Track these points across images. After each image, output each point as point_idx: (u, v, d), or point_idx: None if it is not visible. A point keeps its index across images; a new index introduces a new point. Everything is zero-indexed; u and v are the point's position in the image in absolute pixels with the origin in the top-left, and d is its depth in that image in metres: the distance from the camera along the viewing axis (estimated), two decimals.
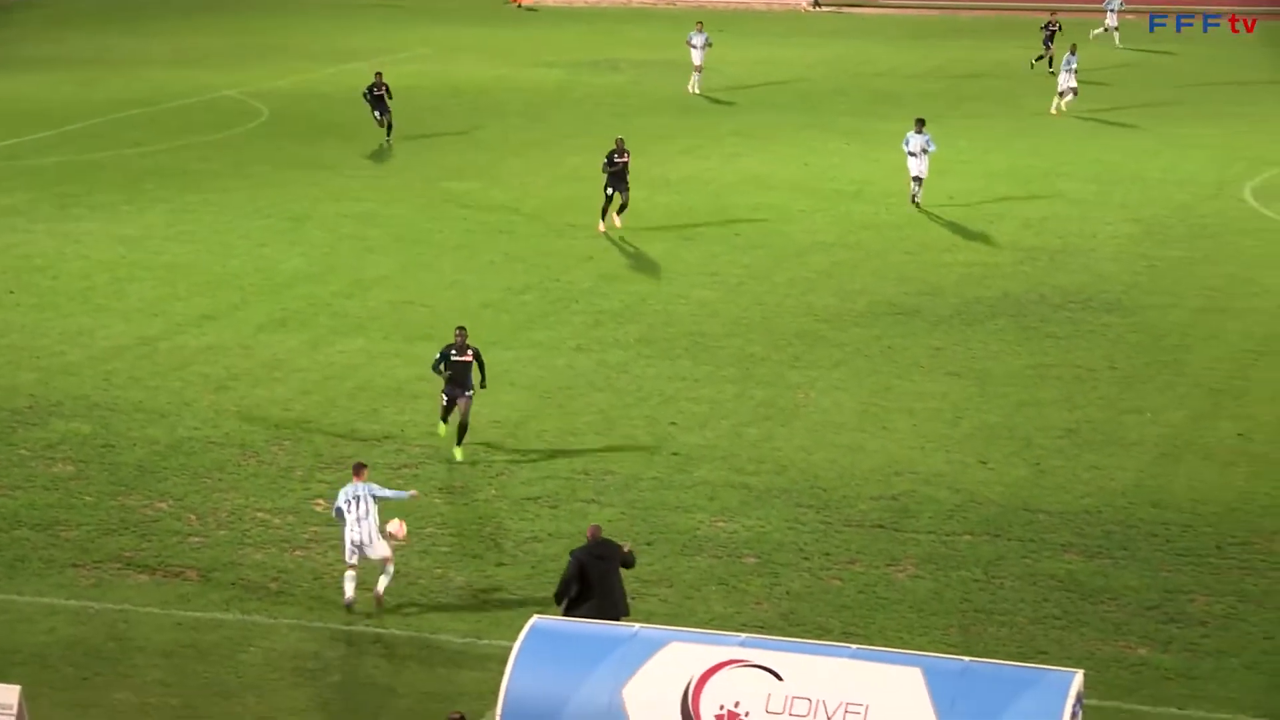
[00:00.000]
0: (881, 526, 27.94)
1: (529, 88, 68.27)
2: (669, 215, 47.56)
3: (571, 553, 23.00)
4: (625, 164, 44.86)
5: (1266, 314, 38.17)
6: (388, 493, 25.44)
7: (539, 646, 19.80)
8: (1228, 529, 27.61)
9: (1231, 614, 24.89)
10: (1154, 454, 30.67)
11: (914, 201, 47.51)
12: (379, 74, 56.37)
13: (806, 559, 26.68)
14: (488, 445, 31.03)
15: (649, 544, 27.24)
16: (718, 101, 64.59)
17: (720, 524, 28.05)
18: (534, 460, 30.65)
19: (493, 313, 39.04)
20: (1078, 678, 19.03)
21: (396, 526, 25.27)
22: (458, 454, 30.11)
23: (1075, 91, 60.35)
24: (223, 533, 27.62)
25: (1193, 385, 33.96)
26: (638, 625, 20.62)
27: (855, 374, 34.91)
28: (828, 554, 26.89)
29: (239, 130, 60.02)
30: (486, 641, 24.04)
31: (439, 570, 26.15)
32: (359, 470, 25.53)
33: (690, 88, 65.76)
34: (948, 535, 27.57)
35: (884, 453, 30.92)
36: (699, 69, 65.86)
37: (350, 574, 24.89)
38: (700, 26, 66.58)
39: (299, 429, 32.04)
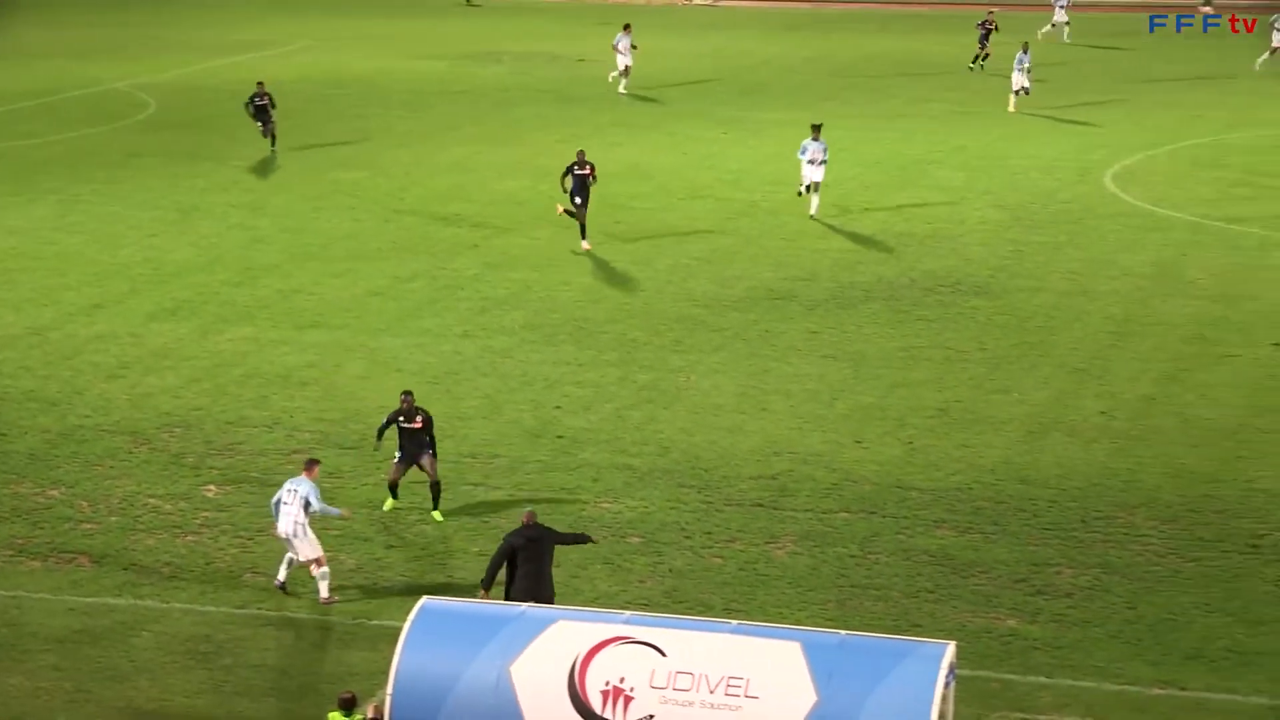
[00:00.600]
0: (761, 505, 28.04)
1: (412, 79, 67.92)
2: (550, 203, 47.39)
3: (505, 536, 22.98)
4: (586, 175, 42.62)
5: (1126, 296, 38.63)
6: (321, 505, 24.75)
7: (428, 627, 19.76)
8: (1092, 503, 27.94)
9: (1096, 585, 25.19)
10: (1021, 432, 30.97)
11: (811, 215, 44.98)
12: (260, 84, 54.10)
13: (689, 538, 26.74)
14: (375, 429, 30.84)
15: None
16: (644, 99, 64.28)
17: (605, 505, 28.06)
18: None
19: (380, 300, 38.83)
20: (950, 649, 19.20)
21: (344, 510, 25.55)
22: (437, 516, 27.31)
23: (1027, 90, 59.02)
24: (114, 519, 27.31)
25: (1057, 366, 34.32)
26: (525, 605, 20.59)
27: (734, 358, 35.01)
28: (709, 533, 26.97)
29: (127, 122, 59.35)
30: (376, 622, 23.92)
31: (329, 554, 25.92)
32: (310, 467, 25.24)
33: (619, 89, 64.01)
34: (825, 513, 27.71)
35: (762, 433, 31.04)
36: (626, 70, 64.05)
37: (288, 556, 24.75)
38: (627, 29, 64.63)
39: (189, 416, 31.73)
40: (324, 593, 24.69)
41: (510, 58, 72.96)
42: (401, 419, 27.26)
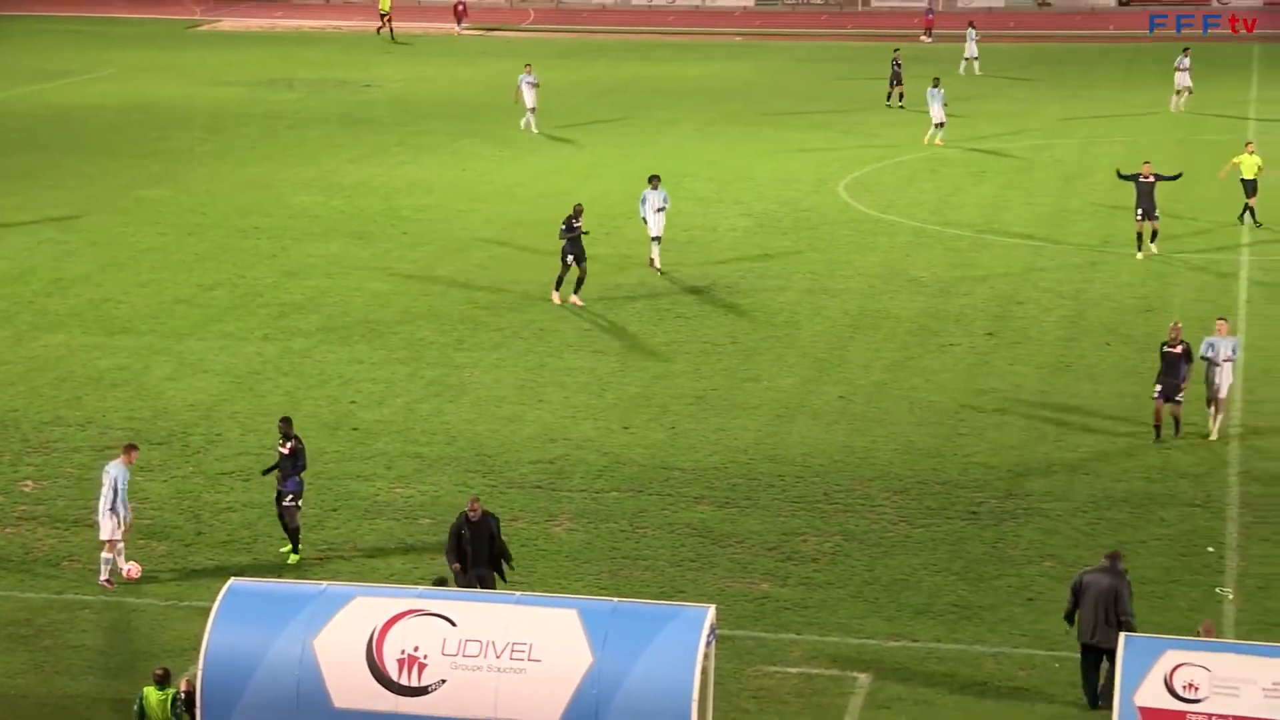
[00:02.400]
0: (540, 487, 28.06)
1: (212, 104, 66.66)
2: (343, 217, 46.99)
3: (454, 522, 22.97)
4: (580, 230, 37.87)
5: (859, 293, 39.22)
6: (121, 495, 24.10)
7: (235, 606, 19.49)
8: (833, 478, 28.37)
9: (838, 551, 25.59)
10: (770, 416, 31.35)
11: (653, 265, 40.57)
12: None
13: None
14: (185, 426, 30.32)
15: (335, 510, 26.99)
16: (428, 117, 63.82)
17: (398, 490, 27.87)
18: (228, 439, 30.05)
19: (185, 307, 38.13)
20: (710, 612, 19.38)
21: (132, 569, 24.45)
22: (293, 559, 25.19)
23: (943, 124, 56.60)
24: None
25: (801, 356, 34.77)
26: (326, 583, 20.40)
27: (513, 354, 34.98)
28: (494, 512, 26.85)
29: None
30: (188, 603, 23.52)
31: (142, 540, 25.46)
32: (128, 451, 24.69)
33: (523, 126, 59.67)
34: (597, 492, 27.81)
35: (540, 422, 31.04)
36: (533, 109, 59.53)
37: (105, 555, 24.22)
38: (529, 69, 60.58)
39: (6, 417, 30.89)
40: (103, 574, 24.14)
41: (301, 84, 71.99)
42: (278, 443, 25.22)
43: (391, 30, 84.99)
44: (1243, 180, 43.37)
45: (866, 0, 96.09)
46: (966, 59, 71.78)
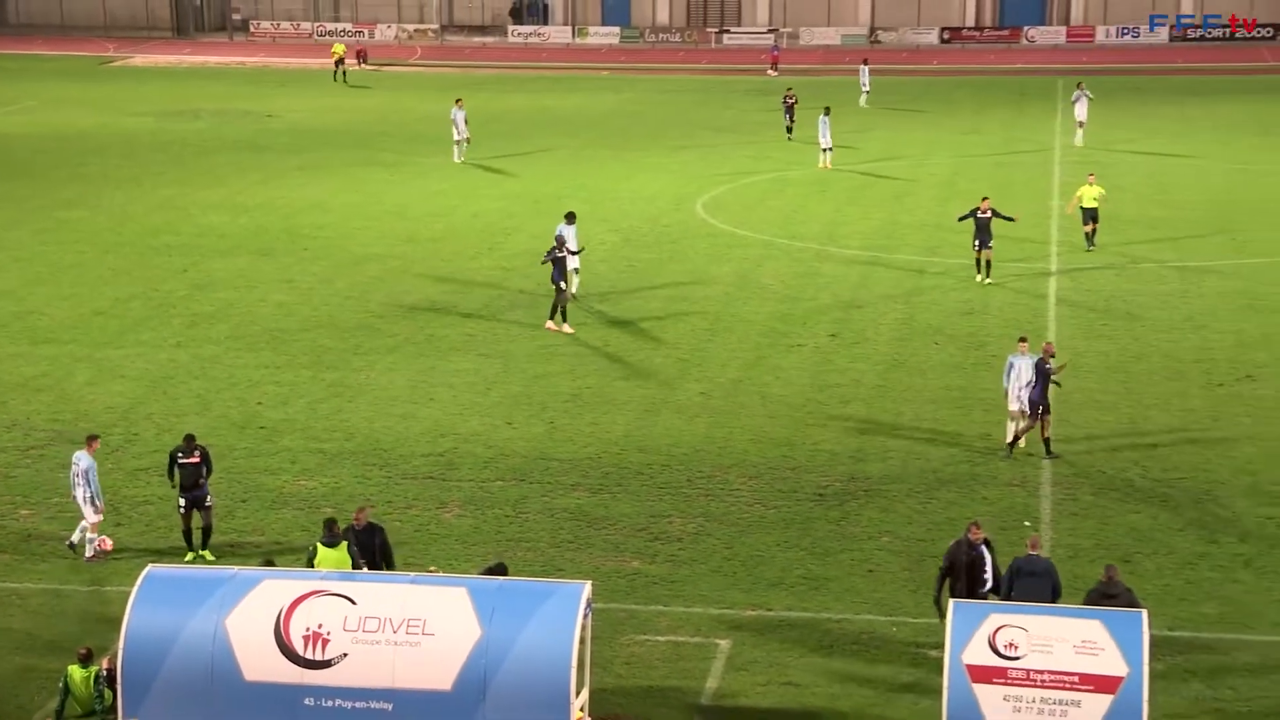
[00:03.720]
0: (431, 477, 27.89)
1: (125, 133, 65.60)
2: (248, 235, 46.42)
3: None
4: (565, 256, 36.22)
5: (716, 300, 39.37)
6: (94, 488, 24.13)
7: (152, 591, 19.24)
8: (695, 465, 28.46)
9: (700, 531, 25.68)
10: (639, 411, 31.40)
11: (570, 296, 37.27)
12: None
13: (372, 506, 26.36)
14: (104, 427, 29.77)
15: (244, 501, 26.64)
16: (326, 145, 63.13)
17: (302, 482, 27.57)
18: (144, 438, 29.56)
19: (103, 319, 37.46)
20: (587, 587, 19.39)
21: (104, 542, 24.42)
22: (208, 555, 24.42)
23: (829, 149, 56.25)
24: None
25: (665, 357, 34.86)
26: (236, 568, 20.16)
27: (406, 358, 34.74)
28: (390, 501, 26.72)
29: None
30: (109, 588, 23.14)
31: (64, 532, 24.97)
32: (89, 441, 24.62)
33: (455, 158, 57.89)
34: (484, 482, 27.69)
35: (431, 419, 30.86)
36: (464, 140, 57.73)
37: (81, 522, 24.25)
38: (459, 103, 58.80)
39: None
40: (75, 538, 24.17)
41: (208, 114, 71.05)
42: (180, 454, 24.45)
43: (345, 73, 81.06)
44: (1083, 209, 43.26)
45: (719, 38, 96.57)
46: (865, 91, 71.31)
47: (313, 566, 20.87)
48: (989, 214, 39.33)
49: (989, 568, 21.04)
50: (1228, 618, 22.46)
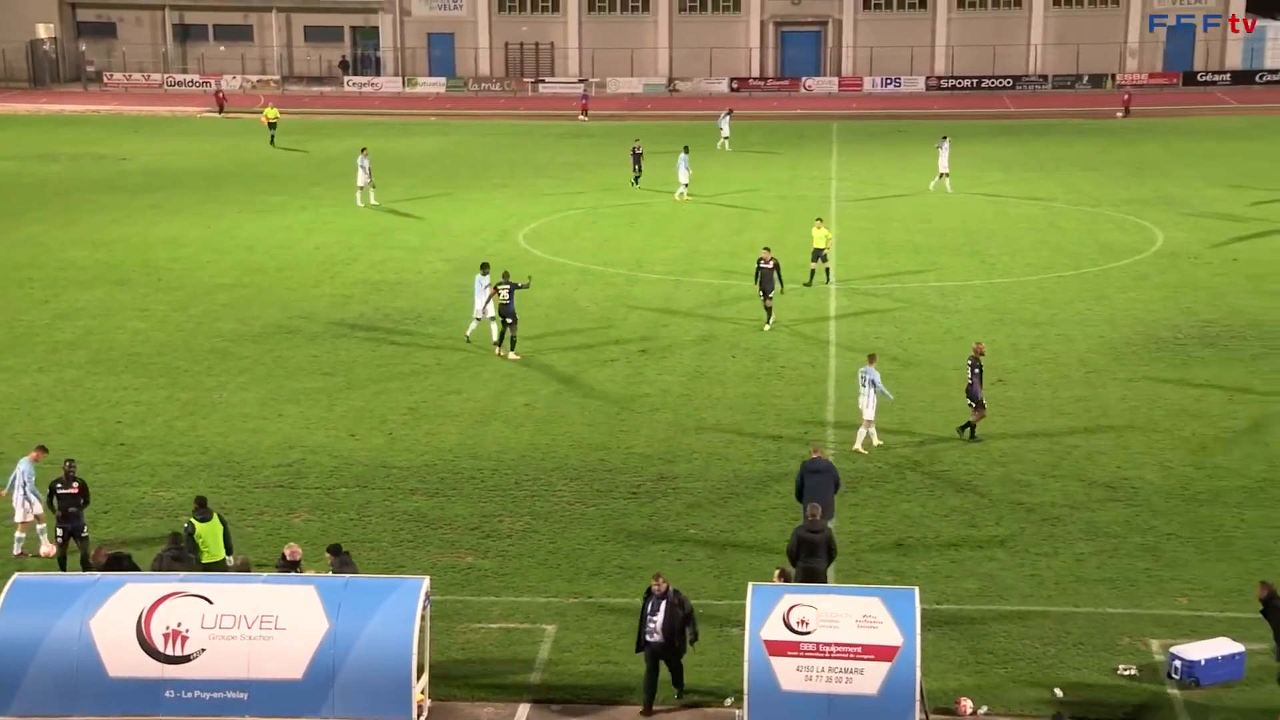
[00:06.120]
0: (281, 486, 27.39)
1: None
2: (106, 269, 45.12)
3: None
4: (511, 292, 34.88)
5: (538, 321, 38.77)
6: (31, 492, 24.02)
7: (19, 597, 18.72)
8: (522, 469, 28.40)
9: (528, 528, 25.62)
10: (470, 421, 31.22)
11: (497, 347, 35.53)
12: None
13: (227, 513, 25.75)
14: None
15: (105, 512, 25.86)
16: (176, 185, 61.44)
17: (160, 493, 26.86)
18: (10, 456, 28.44)
19: None
20: (425, 582, 19.27)
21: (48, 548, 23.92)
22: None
23: (687, 184, 55.96)
24: None
25: (492, 373, 34.63)
26: (99, 574, 19.57)
27: (256, 378, 34.06)
28: (243, 508, 26.17)
29: None
30: None
31: None
32: (38, 450, 24.36)
33: (359, 201, 55.54)
34: (330, 489, 27.28)
35: (280, 433, 30.30)
36: (369, 186, 55.57)
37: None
38: (365, 151, 56.75)
39: None
40: (16, 549, 23.88)
41: (66, 158, 68.90)
42: (59, 485, 23.48)
43: (273, 138, 72.50)
44: (816, 249, 42.45)
45: (535, 86, 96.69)
46: (724, 137, 70.15)
47: (192, 540, 21.43)
48: (771, 264, 37.87)
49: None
50: (986, 591, 23.08)
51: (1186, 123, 78.85)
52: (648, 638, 19.63)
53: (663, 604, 19.60)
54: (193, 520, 21.90)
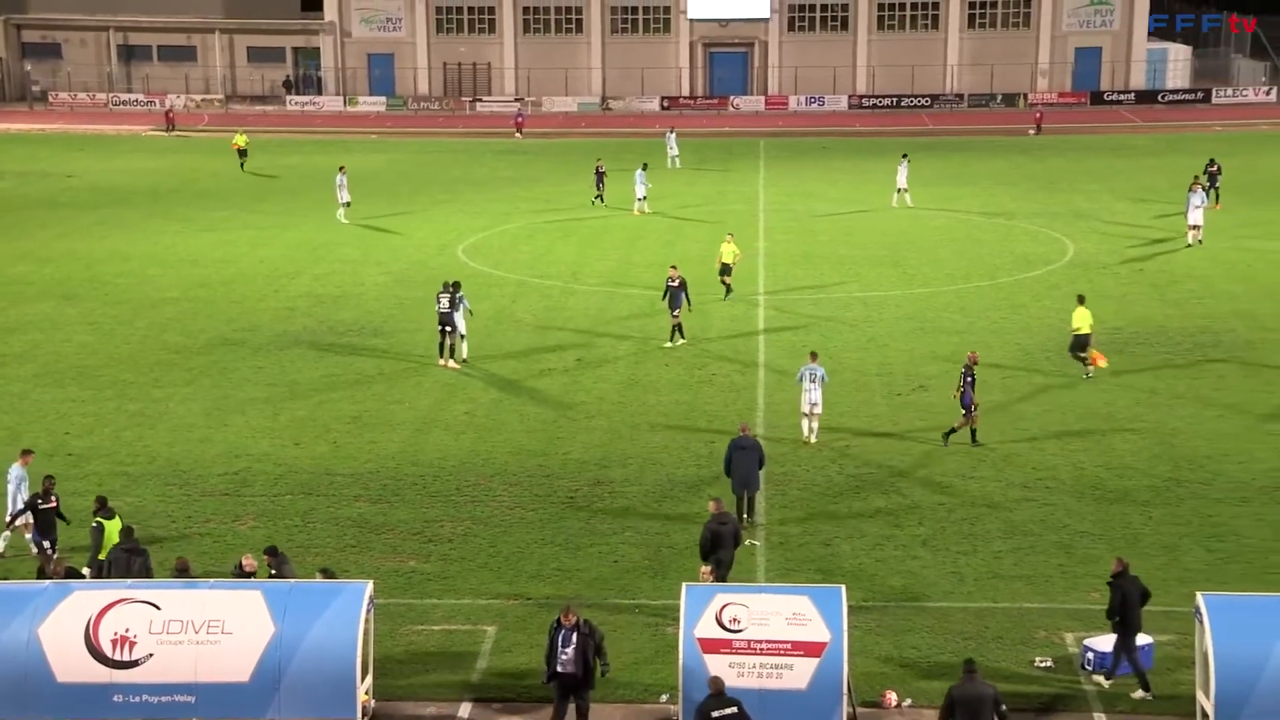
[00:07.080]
0: (227, 494, 27.11)
1: None
2: (53, 283, 44.47)
3: None
4: (452, 304, 34.79)
5: (477, 332, 38.16)
6: (23, 497, 23.80)
7: None
8: (463, 476, 28.29)
9: (469, 533, 25.52)
10: (412, 430, 31.06)
11: (465, 360, 35.53)
12: None
13: (174, 521, 25.59)
14: None
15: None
16: (124, 204, 60.56)
17: (110, 502, 26.35)
18: None
19: None
20: (369, 586, 19.14)
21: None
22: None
23: (644, 199, 55.68)
24: None
25: (434, 382, 34.51)
26: (48, 582, 19.27)
27: (202, 389, 33.70)
28: (190, 516, 25.88)
29: None
30: None
31: None
32: (24, 455, 24.07)
33: (339, 217, 54.74)
34: (275, 496, 27.03)
35: (226, 442, 29.99)
36: (347, 203, 54.88)
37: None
38: (343, 170, 56.11)
39: None
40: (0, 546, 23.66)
41: (11, 175, 67.86)
42: (39, 500, 23.29)
43: (243, 164, 69.74)
44: (722, 263, 42.16)
45: (472, 105, 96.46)
46: (672, 155, 69.65)
47: (102, 536, 21.68)
48: (677, 282, 37.18)
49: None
50: (909, 589, 23.25)
51: (1094, 140, 79.97)
52: (560, 669, 18.64)
53: (574, 636, 18.67)
54: (101, 520, 22.09)
